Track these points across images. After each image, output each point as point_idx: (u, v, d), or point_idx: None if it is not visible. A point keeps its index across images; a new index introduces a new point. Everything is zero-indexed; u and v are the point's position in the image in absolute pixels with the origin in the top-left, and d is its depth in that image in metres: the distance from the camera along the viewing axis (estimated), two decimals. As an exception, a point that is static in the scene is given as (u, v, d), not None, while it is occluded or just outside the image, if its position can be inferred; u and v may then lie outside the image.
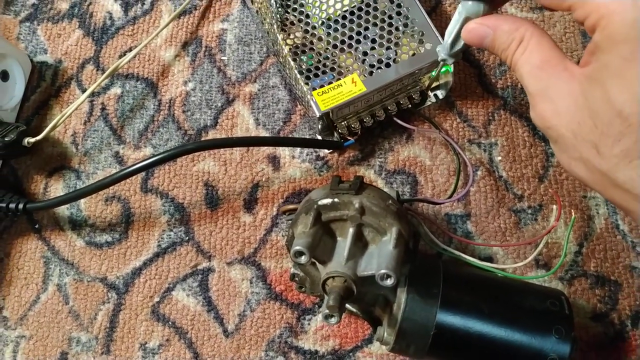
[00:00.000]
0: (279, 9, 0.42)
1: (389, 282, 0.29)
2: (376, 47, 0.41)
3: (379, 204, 0.32)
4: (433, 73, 0.41)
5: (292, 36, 0.42)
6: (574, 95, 0.24)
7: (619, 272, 0.41)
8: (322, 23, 0.42)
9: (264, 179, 0.44)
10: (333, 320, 0.30)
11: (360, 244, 0.33)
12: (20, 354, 0.41)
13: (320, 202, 0.32)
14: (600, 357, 0.39)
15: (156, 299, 0.41)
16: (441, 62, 0.34)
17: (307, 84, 0.40)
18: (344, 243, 0.32)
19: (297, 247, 0.30)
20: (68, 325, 0.41)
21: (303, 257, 0.30)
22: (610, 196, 0.24)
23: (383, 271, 0.29)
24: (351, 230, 0.32)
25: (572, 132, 0.24)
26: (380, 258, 0.31)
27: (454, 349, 0.33)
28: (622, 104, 0.21)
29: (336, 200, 0.32)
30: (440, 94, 0.44)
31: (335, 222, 0.33)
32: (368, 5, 0.42)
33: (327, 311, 0.30)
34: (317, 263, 0.33)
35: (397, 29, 0.42)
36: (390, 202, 0.33)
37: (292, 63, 0.41)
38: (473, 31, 0.29)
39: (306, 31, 0.42)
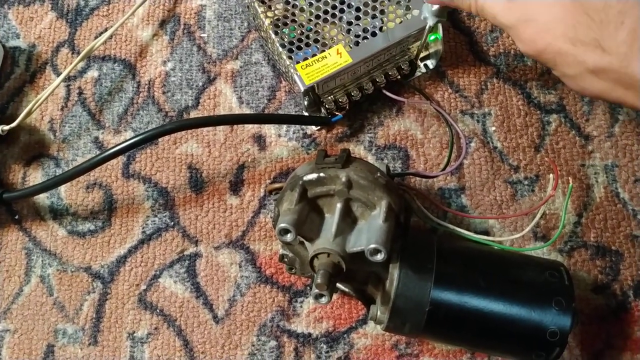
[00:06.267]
0: (258, -20, 0.40)
1: (379, 257, 0.28)
2: (361, 16, 0.39)
3: (367, 177, 0.30)
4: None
5: (272, 8, 0.40)
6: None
7: (620, 242, 0.39)
8: (304, -7, 0.40)
9: (249, 160, 0.42)
10: (323, 299, 0.29)
11: (349, 220, 0.31)
12: (6, 348, 0.40)
13: (305, 178, 0.31)
14: (602, 330, 0.38)
15: (143, 287, 0.40)
16: (427, 27, 0.33)
17: (290, 57, 0.39)
18: (332, 219, 0.31)
19: (282, 225, 0.29)
20: (53, 317, 0.40)
21: (289, 235, 0.29)
22: (632, 102, 0.22)
23: (372, 246, 0.28)
24: (339, 205, 0.31)
25: (570, 41, 0.22)
26: (369, 233, 0.29)
27: (451, 325, 0.32)
28: None
29: (322, 174, 0.31)
30: (431, 63, 0.42)
31: (322, 198, 0.32)
32: (351, -28, 0.40)
33: (316, 290, 0.28)
34: (305, 242, 0.32)
35: (382, -4, 0.40)
36: (378, 174, 0.31)
37: (273, 37, 0.39)
38: None
39: (287, 2, 0.40)
